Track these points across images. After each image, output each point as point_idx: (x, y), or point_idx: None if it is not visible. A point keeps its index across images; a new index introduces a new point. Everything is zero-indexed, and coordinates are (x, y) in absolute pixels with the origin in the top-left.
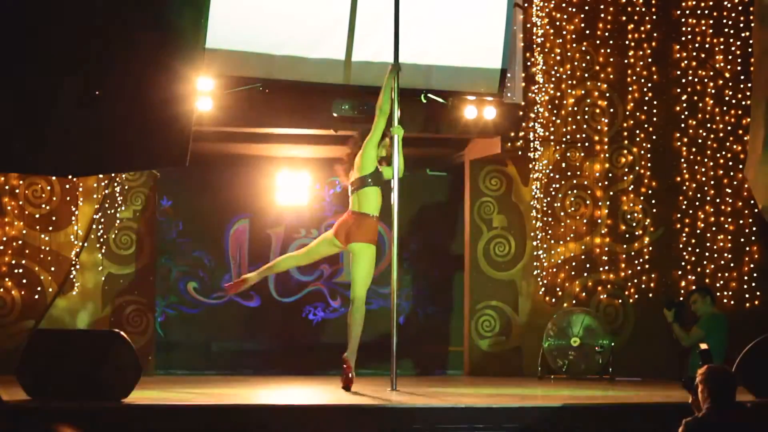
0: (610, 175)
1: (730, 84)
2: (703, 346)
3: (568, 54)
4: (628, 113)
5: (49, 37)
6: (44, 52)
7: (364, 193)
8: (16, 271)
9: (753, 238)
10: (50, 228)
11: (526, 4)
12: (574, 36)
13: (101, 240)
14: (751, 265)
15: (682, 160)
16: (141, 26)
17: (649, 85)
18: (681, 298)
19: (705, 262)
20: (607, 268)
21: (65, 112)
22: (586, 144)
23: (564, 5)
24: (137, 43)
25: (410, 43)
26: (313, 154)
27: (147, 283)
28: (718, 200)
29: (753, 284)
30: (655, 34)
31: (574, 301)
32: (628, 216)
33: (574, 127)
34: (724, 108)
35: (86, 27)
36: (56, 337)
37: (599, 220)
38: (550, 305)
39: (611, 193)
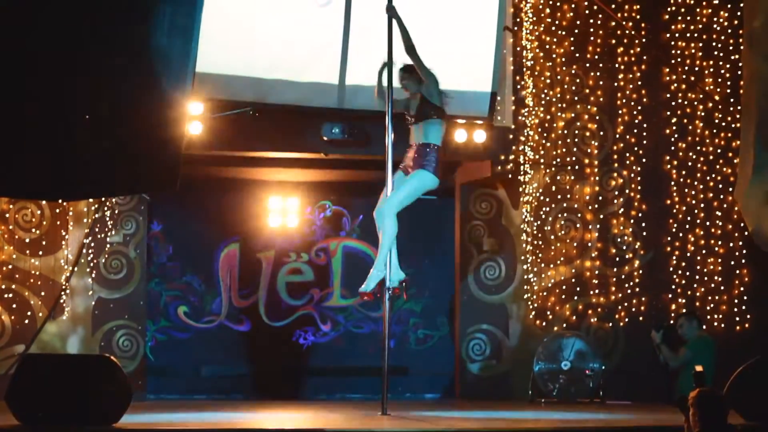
0: (600, 198)
1: (720, 107)
2: (698, 368)
3: (558, 77)
4: (617, 136)
5: (38, 63)
6: (34, 77)
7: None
8: (5, 295)
9: (743, 261)
10: (40, 252)
11: (515, 28)
12: (563, 59)
13: (91, 264)
14: (741, 288)
15: (672, 183)
16: (130, 51)
17: (639, 108)
18: (672, 321)
19: (695, 285)
20: (597, 291)
21: (55, 138)
22: (576, 167)
23: (553, 29)
24: (127, 67)
25: (400, 66)
26: (303, 178)
27: (137, 308)
28: (708, 223)
29: (743, 307)
30: (644, 57)
31: (564, 325)
32: (618, 239)
33: (564, 150)
34: (714, 131)
35: (76, 52)
36: (46, 362)
37: (589, 244)
38: (541, 329)
39: (601, 216)
